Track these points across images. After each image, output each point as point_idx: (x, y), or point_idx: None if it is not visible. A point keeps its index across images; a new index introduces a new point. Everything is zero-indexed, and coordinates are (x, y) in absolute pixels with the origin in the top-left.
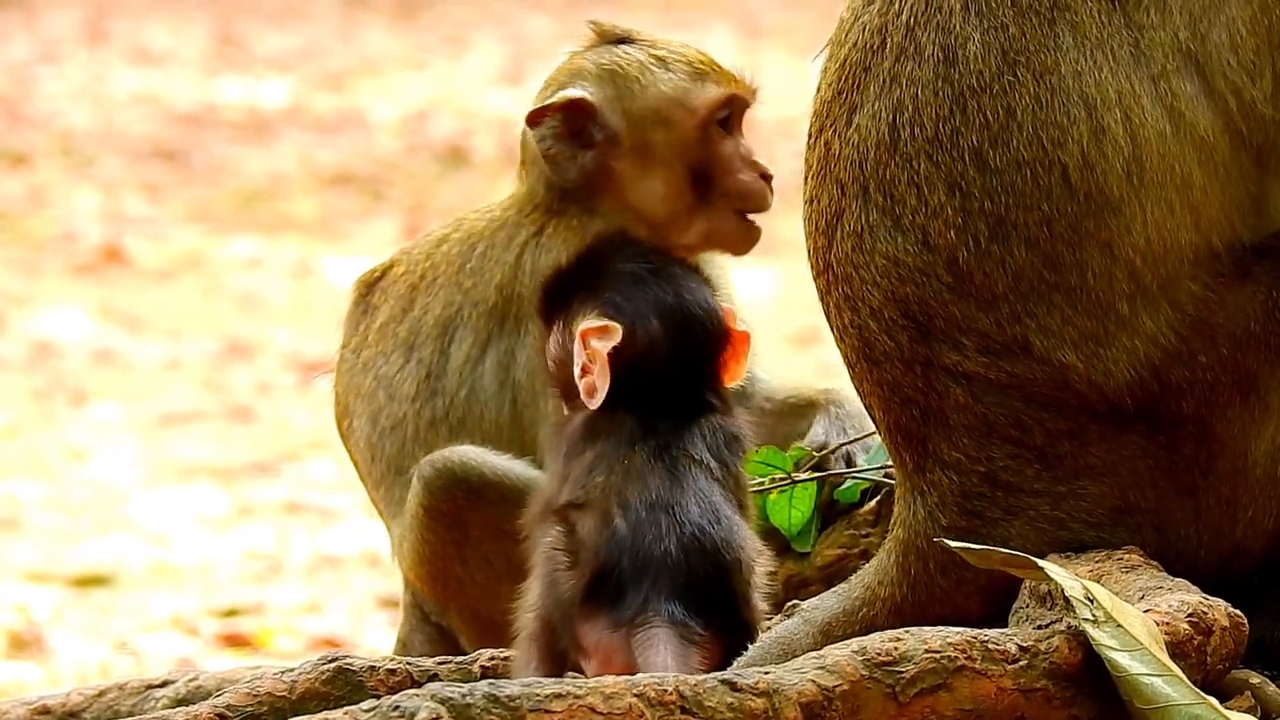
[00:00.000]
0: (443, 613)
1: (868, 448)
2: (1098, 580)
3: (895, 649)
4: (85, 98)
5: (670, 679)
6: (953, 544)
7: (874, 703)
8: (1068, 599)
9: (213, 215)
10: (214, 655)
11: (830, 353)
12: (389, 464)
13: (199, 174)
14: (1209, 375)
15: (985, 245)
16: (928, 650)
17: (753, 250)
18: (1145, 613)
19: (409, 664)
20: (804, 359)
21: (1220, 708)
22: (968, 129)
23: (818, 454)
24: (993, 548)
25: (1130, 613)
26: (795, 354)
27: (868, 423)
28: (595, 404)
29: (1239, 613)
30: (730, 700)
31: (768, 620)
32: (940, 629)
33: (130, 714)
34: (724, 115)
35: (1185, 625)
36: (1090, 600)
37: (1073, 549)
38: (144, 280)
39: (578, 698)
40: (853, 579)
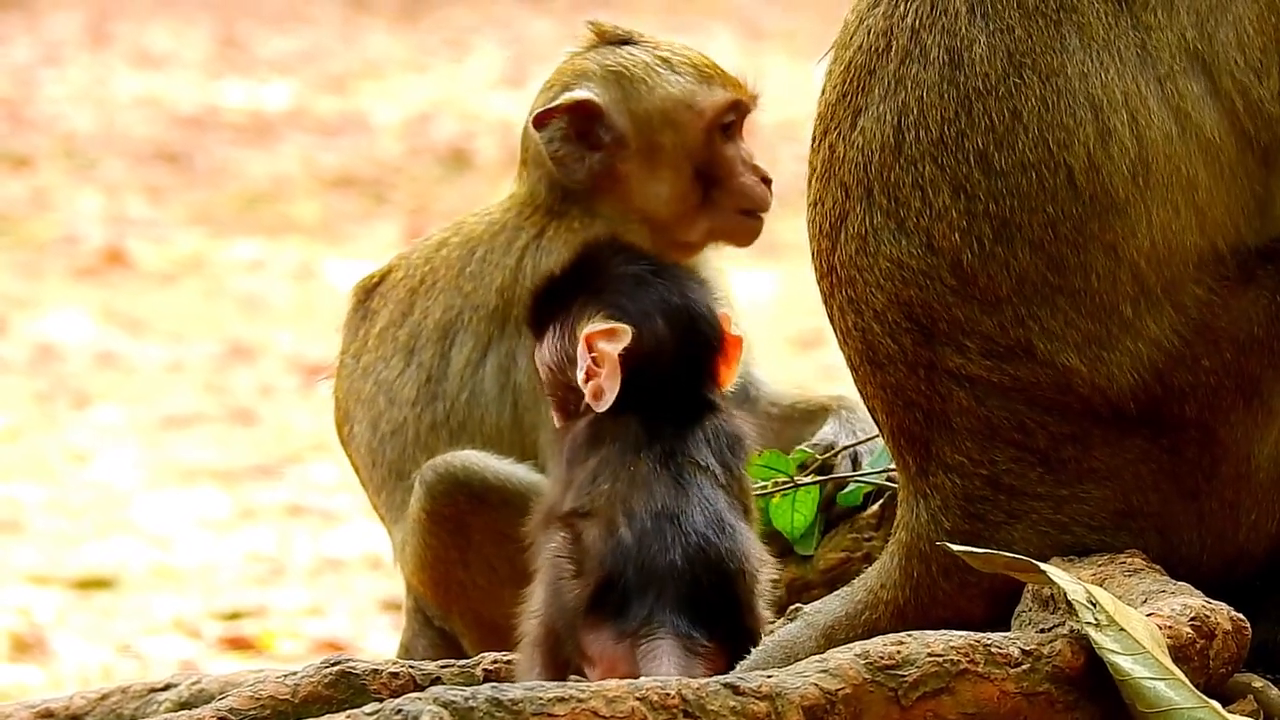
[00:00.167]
0: (445, 617)
1: (871, 450)
2: (1100, 584)
3: (898, 652)
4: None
5: (673, 682)
6: (955, 548)
7: (876, 706)
8: (1070, 603)
9: (215, 218)
10: (216, 658)
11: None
12: (390, 469)
13: (201, 176)
14: (1212, 379)
15: (990, 248)
16: (930, 654)
17: (755, 252)
18: (1148, 616)
19: (412, 667)
20: (806, 362)
21: (1222, 711)
22: (973, 131)
23: (821, 456)
24: (995, 551)
25: (1133, 616)
26: (797, 357)
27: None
28: (602, 407)
29: (1241, 616)
30: (733, 704)
31: (770, 625)
32: (943, 632)
33: (133, 717)
34: (729, 120)
35: (1188, 629)
36: (1093, 604)
37: (1075, 552)
38: (146, 283)
39: (580, 701)
40: (855, 582)
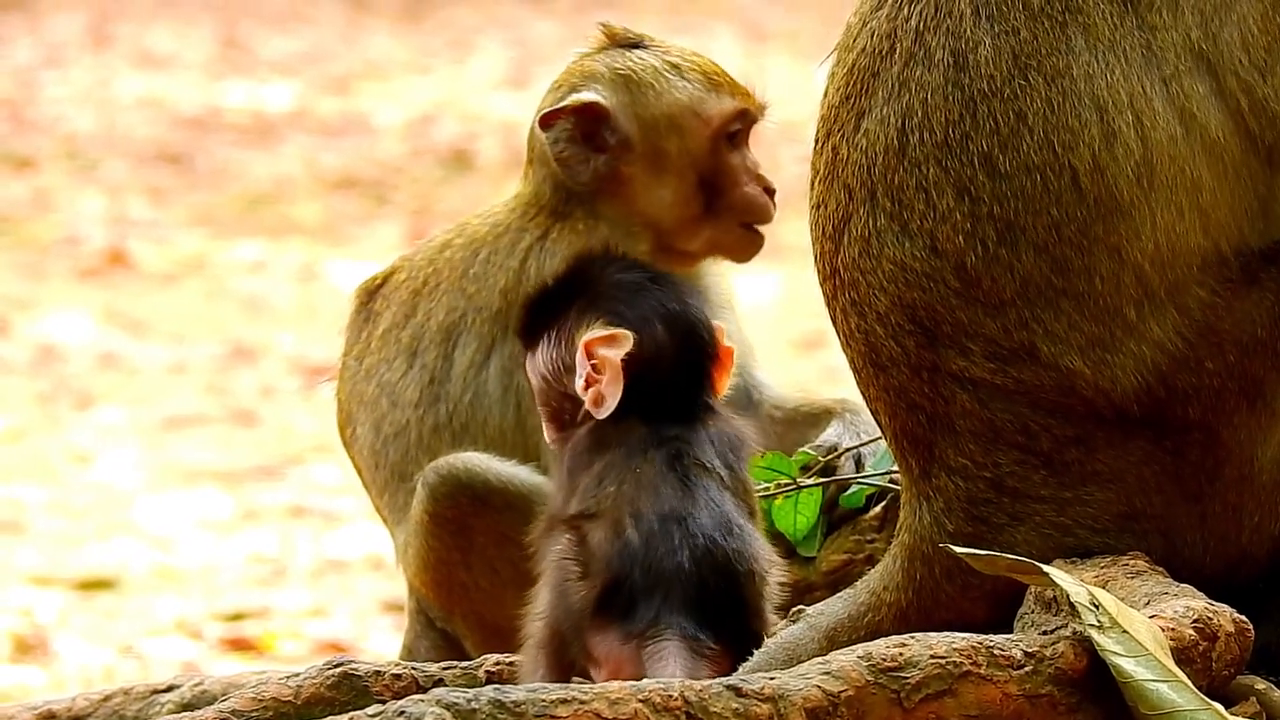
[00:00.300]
0: (448, 619)
1: (874, 453)
2: (1103, 586)
3: (900, 654)
4: (89, 101)
5: (676, 684)
6: (958, 550)
7: (879, 708)
8: (1073, 605)
9: (217, 219)
10: (219, 659)
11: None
12: (392, 470)
13: (203, 178)
14: (1216, 381)
15: (993, 250)
16: (933, 656)
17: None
18: (1151, 618)
19: (414, 669)
20: (808, 364)
21: (1225, 713)
22: (978, 134)
23: (824, 458)
24: (998, 553)
25: (1136, 618)
26: (799, 359)
27: None
28: (603, 413)
29: (1244, 619)
30: (735, 706)
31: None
32: (945, 634)
33: (135, 718)
34: (736, 129)
35: (1190, 631)
36: (1095, 606)
37: (1078, 555)
38: (148, 284)
39: (583, 703)
40: (858, 584)
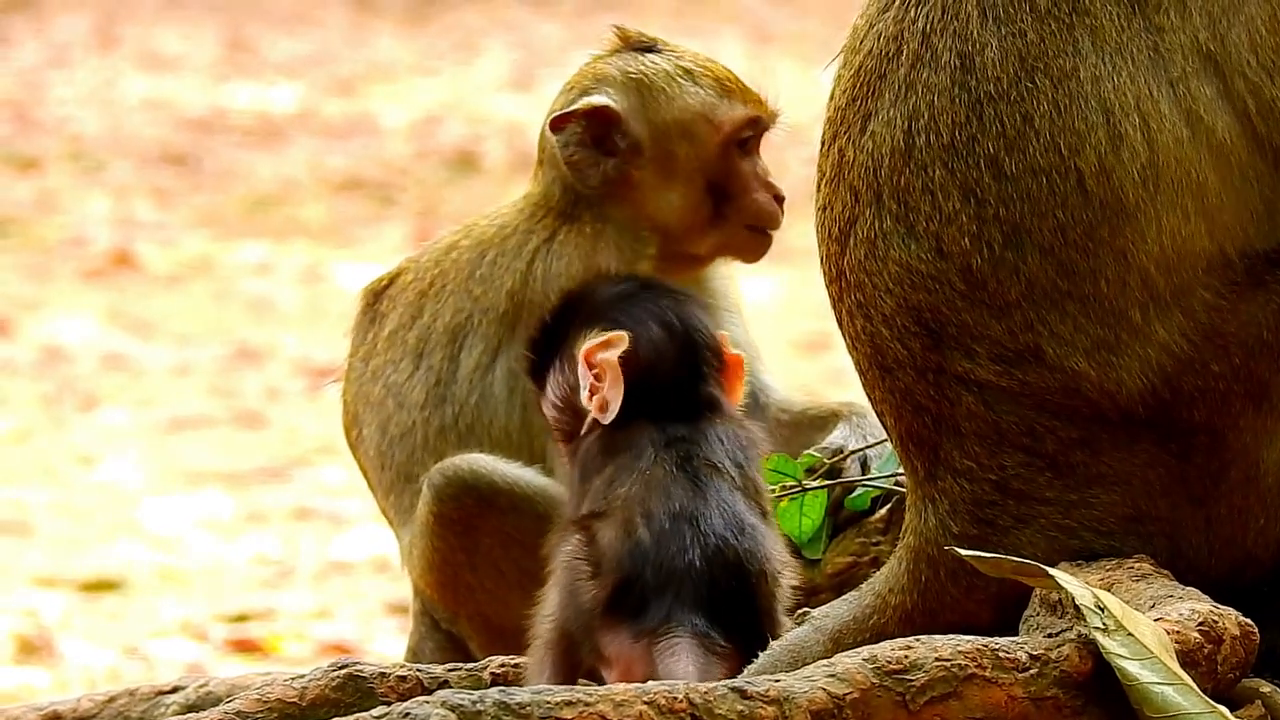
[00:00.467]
0: (453, 620)
1: (879, 455)
2: (1108, 589)
3: (906, 657)
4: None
5: (681, 686)
6: (964, 552)
7: (884, 711)
8: (1078, 607)
9: (222, 220)
10: (224, 661)
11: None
12: (398, 472)
13: (209, 179)
14: (1221, 384)
15: (999, 252)
16: (938, 658)
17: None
18: (1156, 621)
19: (419, 671)
20: (812, 366)
21: (1230, 716)
22: (984, 136)
23: (829, 460)
24: (1003, 556)
25: (1141, 621)
26: (804, 361)
27: None
28: (609, 418)
29: (1249, 621)
30: (740, 708)
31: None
32: (951, 637)
33: None
34: (747, 136)
35: (1196, 634)
36: (1101, 609)
37: (1084, 557)
38: (153, 285)
39: (588, 705)
40: (863, 587)
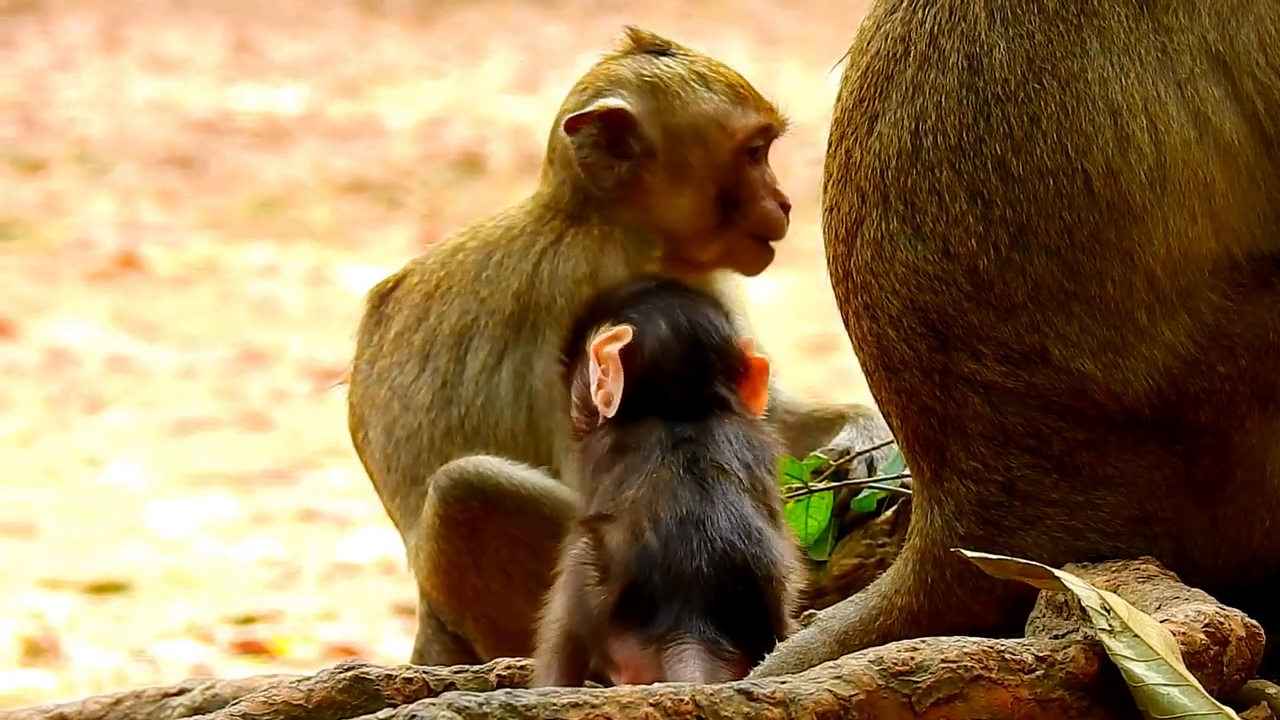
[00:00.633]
0: (459, 622)
1: (885, 456)
2: (1114, 590)
3: (912, 658)
4: (101, 105)
5: (687, 689)
6: (970, 553)
7: (890, 712)
8: (1084, 609)
9: (228, 222)
10: (230, 663)
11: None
12: (404, 474)
13: (214, 181)
14: (1227, 385)
15: (1006, 254)
16: (944, 660)
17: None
18: (1162, 623)
19: (425, 673)
20: (817, 367)
21: (1236, 718)
22: (991, 137)
23: (835, 462)
24: (1009, 557)
25: (1147, 623)
26: (808, 362)
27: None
28: (611, 411)
29: (1255, 623)
30: (747, 710)
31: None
32: (957, 639)
33: None
34: (758, 143)
35: (1202, 635)
36: (1107, 610)
37: (1090, 559)
38: (159, 287)
39: (594, 707)
40: (869, 588)
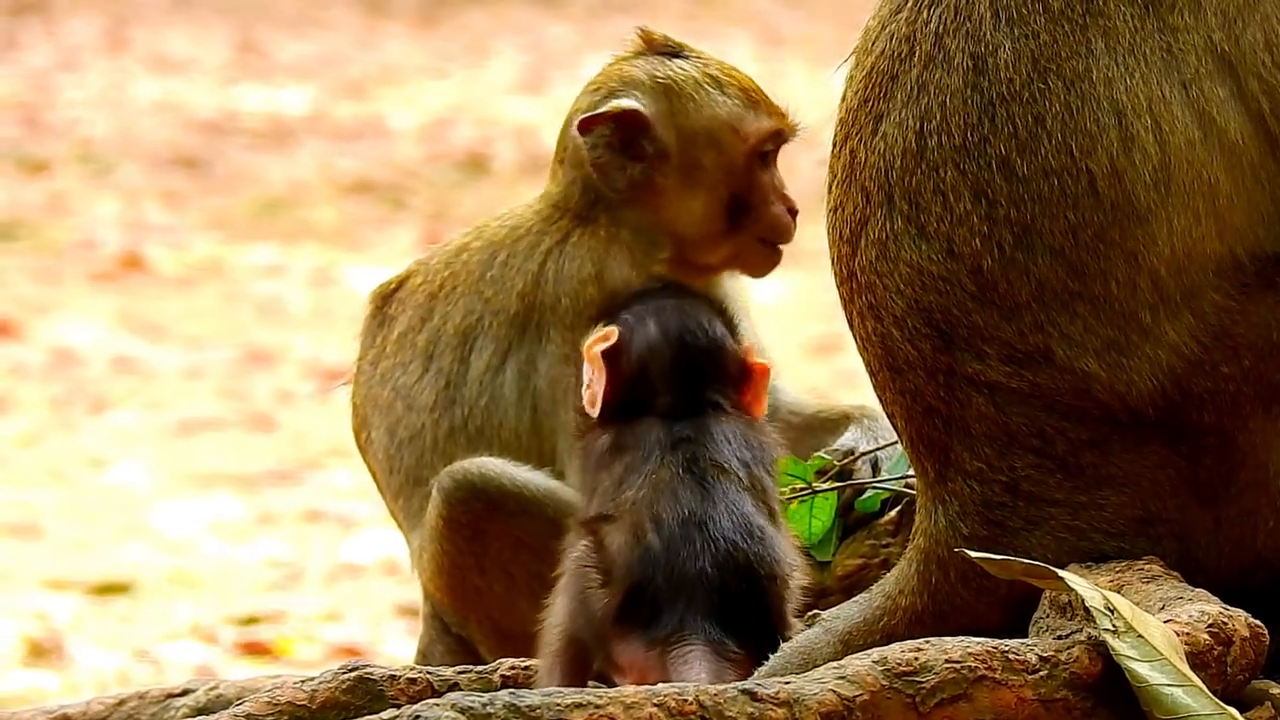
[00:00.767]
0: (463, 624)
1: (890, 457)
2: (1118, 590)
3: (916, 659)
4: (105, 105)
5: (691, 689)
6: (974, 554)
7: (894, 713)
8: (1088, 609)
9: (232, 223)
10: (234, 664)
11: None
12: (407, 475)
13: (219, 182)
14: (1231, 385)
15: (1010, 254)
16: (948, 660)
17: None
18: (1165, 623)
19: (429, 673)
20: (821, 368)
21: (1240, 718)
22: (996, 137)
23: (840, 463)
24: (1013, 558)
25: (1150, 623)
26: (813, 363)
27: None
28: (594, 411)
29: (1259, 623)
30: (751, 710)
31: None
32: (961, 639)
33: None
34: (769, 148)
35: (1205, 636)
36: (1110, 610)
37: (1093, 559)
38: (164, 288)
39: (598, 707)
40: (873, 588)
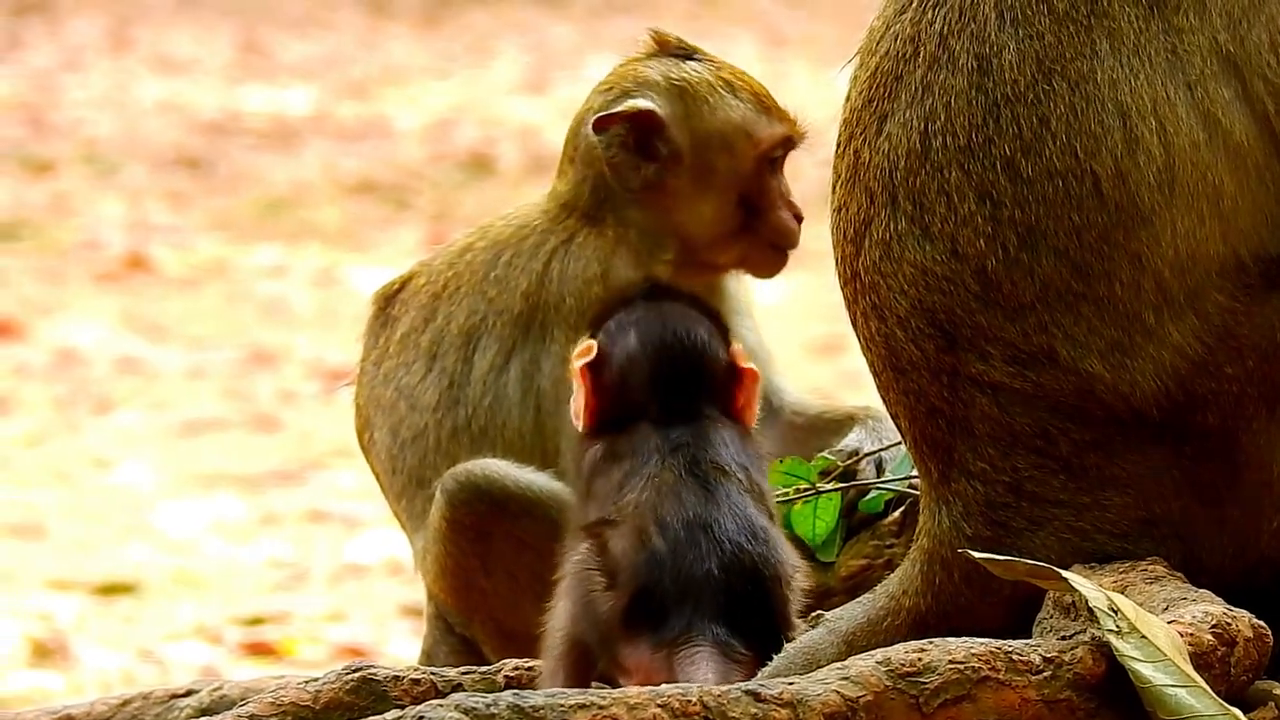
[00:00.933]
0: (466, 624)
1: (893, 457)
2: (1121, 591)
3: (919, 659)
4: (109, 106)
5: (694, 689)
6: (977, 555)
7: (898, 713)
8: (1091, 610)
9: (236, 223)
10: (238, 664)
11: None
12: (410, 476)
13: (223, 182)
14: (1235, 387)
15: (1014, 254)
16: (952, 661)
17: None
18: (1169, 624)
19: (433, 674)
20: (825, 368)
21: (1243, 718)
22: (1000, 138)
23: (843, 463)
24: (1017, 558)
25: (1154, 624)
26: (816, 363)
27: None
28: (581, 424)
29: (1263, 624)
30: (754, 711)
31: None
32: (964, 640)
33: None
34: (779, 153)
35: (1209, 636)
36: (1114, 611)
37: (1097, 560)
38: (167, 288)
39: (602, 708)
40: (877, 589)
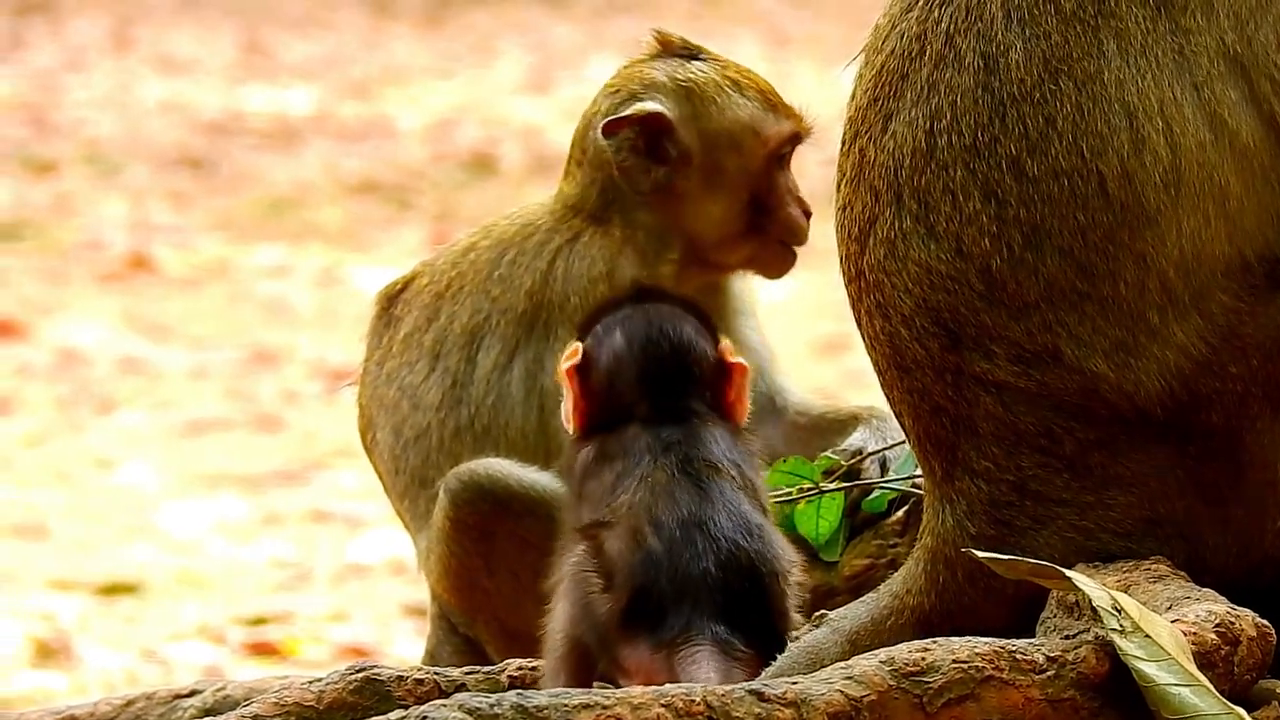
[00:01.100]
0: (470, 624)
1: (897, 456)
2: (1125, 590)
3: (923, 659)
4: (111, 106)
5: (698, 689)
6: (981, 554)
7: (902, 713)
8: (1095, 609)
9: (238, 223)
10: (241, 664)
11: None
12: (413, 475)
13: (225, 182)
14: (1239, 386)
15: (1019, 254)
16: (955, 660)
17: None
18: (1173, 623)
19: (437, 674)
20: (829, 367)
21: (1247, 718)
22: (1006, 137)
23: (847, 463)
24: (1020, 557)
25: (1158, 623)
26: (820, 362)
27: None
28: (571, 427)
29: (1266, 623)
30: (758, 710)
31: (797, 629)
32: (968, 639)
33: None
34: (786, 151)
35: (1213, 635)
36: (1118, 610)
37: (1101, 559)
38: (170, 288)
39: (605, 708)
40: (881, 588)
